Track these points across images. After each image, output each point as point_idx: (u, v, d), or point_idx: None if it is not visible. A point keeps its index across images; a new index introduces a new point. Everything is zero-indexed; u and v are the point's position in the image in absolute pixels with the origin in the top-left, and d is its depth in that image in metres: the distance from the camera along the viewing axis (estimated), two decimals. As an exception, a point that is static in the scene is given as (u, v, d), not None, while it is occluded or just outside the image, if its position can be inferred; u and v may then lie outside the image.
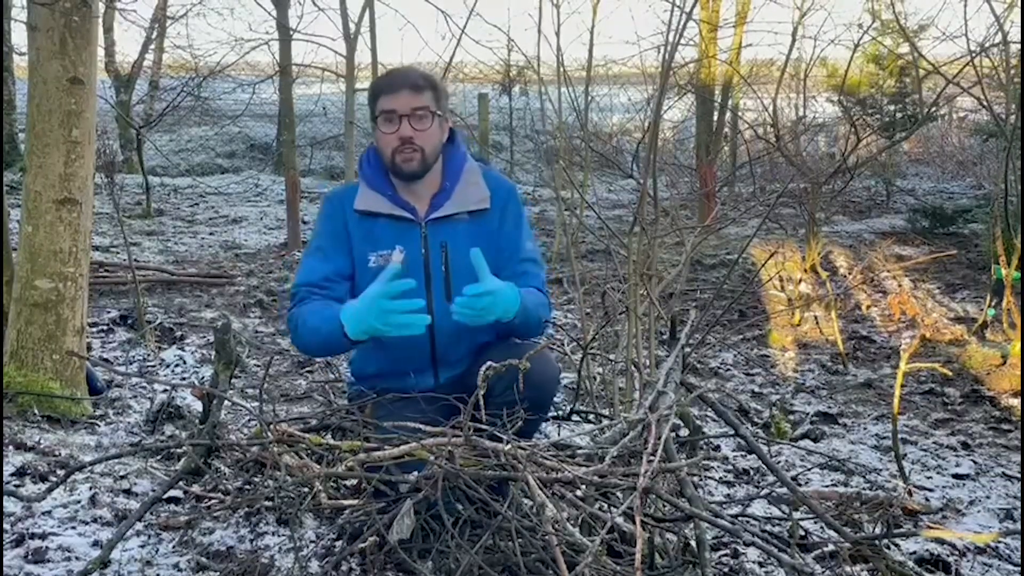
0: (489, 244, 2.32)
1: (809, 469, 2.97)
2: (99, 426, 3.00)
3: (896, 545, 2.30)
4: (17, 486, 2.38)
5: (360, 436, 2.13)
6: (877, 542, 2.04)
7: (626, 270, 2.96)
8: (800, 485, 2.78)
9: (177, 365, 3.96)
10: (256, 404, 2.65)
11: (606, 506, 2.01)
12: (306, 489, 2.13)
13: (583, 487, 1.92)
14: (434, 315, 2.26)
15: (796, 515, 2.26)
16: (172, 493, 2.30)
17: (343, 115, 7.25)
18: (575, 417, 2.87)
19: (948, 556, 2.26)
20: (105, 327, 4.42)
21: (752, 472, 2.93)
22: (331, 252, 2.33)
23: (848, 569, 2.04)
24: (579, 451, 2.09)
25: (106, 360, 3.90)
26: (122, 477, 2.50)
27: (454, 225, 2.33)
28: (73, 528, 2.17)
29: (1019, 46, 5.44)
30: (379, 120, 2.28)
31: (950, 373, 3.57)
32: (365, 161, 2.39)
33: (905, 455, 3.06)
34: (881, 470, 3.00)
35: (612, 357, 3.14)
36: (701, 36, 7.72)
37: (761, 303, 5.60)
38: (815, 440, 3.36)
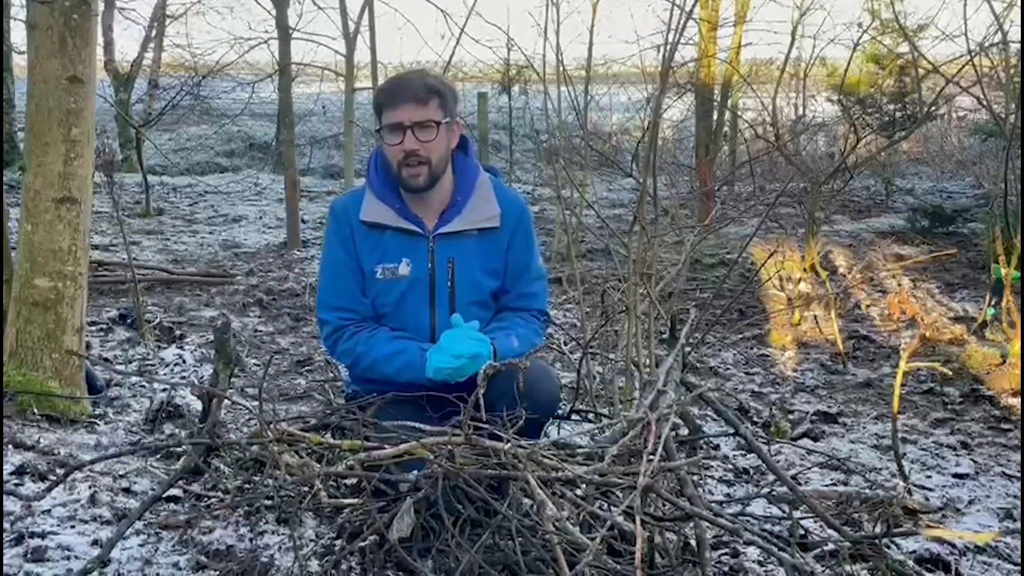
0: (496, 261, 2.33)
1: (809, 468, 2.97)
2: (98, 425, 3.00)
3: (896, 544, 2.29)
4: (17, 485, 2.38)
5: (360, 435, 2.13)
6: (877, 541, 2.04)
7: (626, 269, 2.96)
8: (800, 484, 2.78)
9: (176, 364, 3.96)
10: (256, 403, 2.64)
11: (606, 505, 2.01)
12: (306, 488, 2.13)
13: (583, 486, 1.92)
14: (437, 330, 2.27)
15: (796, 514, 2.26)
16: (172, 492, 2.30)
17: (342, 114, 7.24)
18: (575, 416, 2.87)
19: (948, 555, 2.26)
20: (104, 326, 4.41)
21: (752, 471, 2.93)
22: (345, 269, 2.31)
23: (848, 568, 2.04)
24: (579, 450, 2.10)
25: (105, 359, 3.89)
26: (122, 476, 2.49)
27: (462, 241, 2.30)
28: (72, 527, 2.17)
29: (1018, 45, 5.45)
30: (384, 132, 2.22)
31: (950, 372, 3.57)
32: (373, 169, 2.33)
33: (905, 454, 3.06)
34: (881, 469, 3.00)
35: (612, 356, 3.15)
36: (701, 35, 7.72)
37: (761, 302, 5.60)
38: (815, 439, 3.36)
